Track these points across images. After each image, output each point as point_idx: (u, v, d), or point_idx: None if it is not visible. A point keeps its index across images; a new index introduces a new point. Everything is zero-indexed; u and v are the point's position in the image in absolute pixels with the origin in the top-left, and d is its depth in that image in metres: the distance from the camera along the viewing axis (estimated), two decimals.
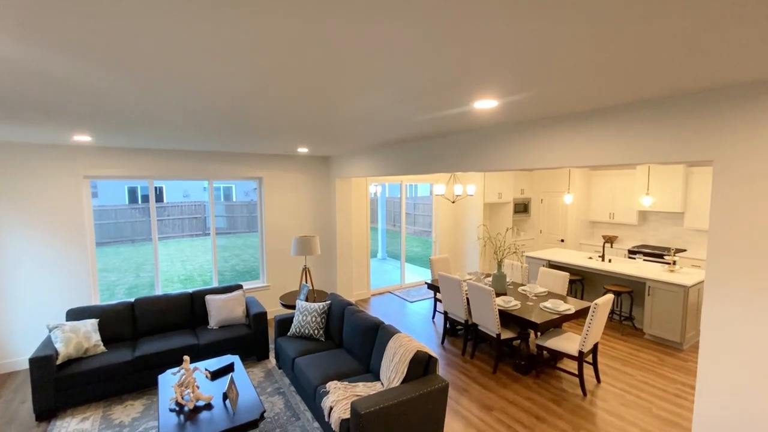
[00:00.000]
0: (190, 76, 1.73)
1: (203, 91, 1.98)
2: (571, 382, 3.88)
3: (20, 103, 2.21)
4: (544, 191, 8.06)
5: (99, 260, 12.23)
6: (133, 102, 2.23)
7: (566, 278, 4.73)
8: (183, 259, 12.26)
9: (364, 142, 4.21)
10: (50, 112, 2.48)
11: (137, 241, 15.23)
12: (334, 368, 3.29)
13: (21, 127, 3.05)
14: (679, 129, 2.06)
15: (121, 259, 12.37)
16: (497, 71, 1.67)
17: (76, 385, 3.40)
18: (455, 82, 1.83)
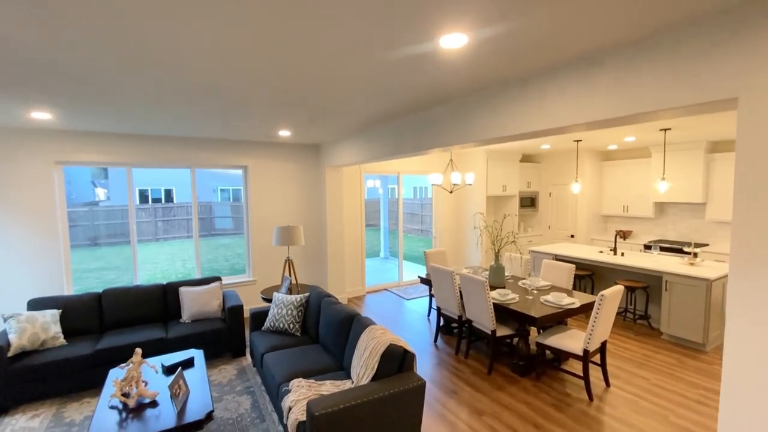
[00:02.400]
0: (148, 36, 1.44)
1: (162, 52, 1.69)
2: (575, 385, 3.44)
3: None
4: (553, 184, 7.59)
5: (101, 259, 12.23)
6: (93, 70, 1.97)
7: (572, 271, 4.29)
8: (185, 258, 12.15)
9: (345, 121, 3.88)
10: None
11: (143, 241, 15.25)
12: (303, 365, 2.95)
13: None
14: (691, 64, 1.66)
15: (123, 258, 12.34)
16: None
17: (30, 380, 3.15)
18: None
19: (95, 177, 23.42)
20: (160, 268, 10.68)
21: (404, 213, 17.76)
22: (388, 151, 3.99)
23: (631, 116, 1.93)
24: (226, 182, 22.96)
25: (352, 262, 6.26)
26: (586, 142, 5.85)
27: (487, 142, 2.93)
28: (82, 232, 14.41)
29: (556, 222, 7.58)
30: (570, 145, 6.14)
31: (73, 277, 4.53)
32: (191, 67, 2.17)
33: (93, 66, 2.13)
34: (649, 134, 5.02)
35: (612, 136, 5.15)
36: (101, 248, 13.98)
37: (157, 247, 14.23)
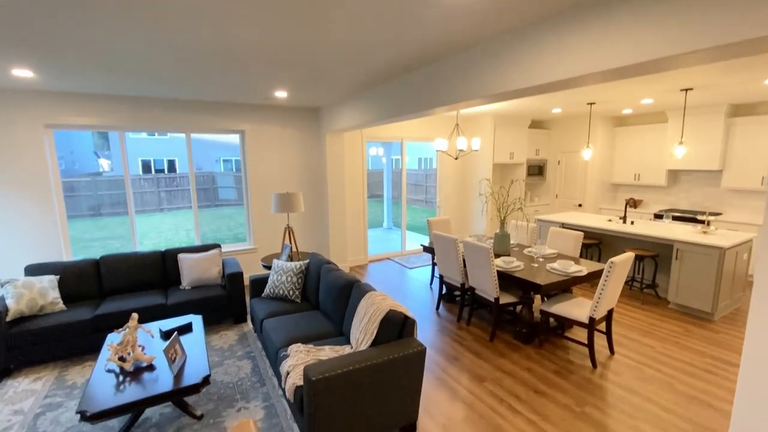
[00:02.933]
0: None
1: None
2: (579, 352, 3.39)
3: None
4: (563, 151, 7.32)
5: (105, 228, 12.28)
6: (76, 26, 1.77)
7: (579, 238, 4.15)
8: (188, 228, 12.17)
9: (344, 78, 3.65)
10: None
11: (147, 211, 15.27)
12: (302, 331, 2.90)
13: None
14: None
15: (126, 227, 12.38)
16: None
17: (31, 344, 3.15)
18: None
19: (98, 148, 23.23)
20: (164, 238, 10.72)
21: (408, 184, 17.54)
22: (390, 113, 3.77)
23: (660, 60, 1.72)
24: (228, 152, 22.69)
25: (354, 231, 6.17)
26: (599, 106, 5.55)
27: (495, 98, 2.71)
28: (85, 202, 14.43)
29: (564, 191, 7.38)
30: (582, 109, 5.84)
31: (78, 246, 4.50)
32: (182, 23, 1.97)
33: (74, 21, 1.93)
34: (668, 96, 4.72)
35: (628, 97, 4.86)
36: (105, 218, 14.03)
37: (161, 217, 14.26)
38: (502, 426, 2.47)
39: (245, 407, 2.67)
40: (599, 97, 4.85)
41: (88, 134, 22.77)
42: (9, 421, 2.56)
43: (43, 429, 2.48)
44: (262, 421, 2.52)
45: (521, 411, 2.61)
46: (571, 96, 4.71)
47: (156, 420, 2.55)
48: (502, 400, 2.74)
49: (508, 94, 2.57)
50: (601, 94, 4.59)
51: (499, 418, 2.55)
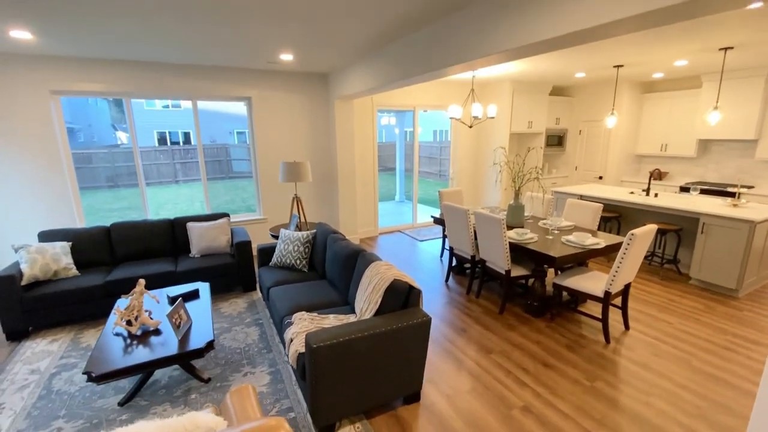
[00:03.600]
0: None
1: None
2: (592, 327, 3.29)
3: None
4: (585, 120, 6.94)
5: (124, 199, 12.54)
6: None
7: (598, 210, 3.96)
8: (203, 199, 12.31)
9: (351, 34, 3.44)
10: None
11: (164, 183, 15.50)
12: (308, 299, 2.88)
13: None
14: None
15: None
16: None
17: (46, 308, 3.23)
18: None
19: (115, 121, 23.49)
20: (180, 209, 10.88)
21: (422, 157, 17.20)
22: (400, 75, 3.56)
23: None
24: (242, 125, 22.58)
25: (364, 203, 6.08)
26: (628, 69, 5.16)
27: (512, 54, 2.49)
28: (104, 173, 14.71)
29: (585, 162, 7.05)
30: (608, 73, 5.45)
31: (98, 216, 4.55)
32: None
33: None
34: (705, 56, 4.33)
35: (661, 58, 4.48)
36: (123, 189, 14.32)
37: (176, 189, 14.47)
38: (508, 398, 2.43)
39: (251, 372, 2.69)
40: (629, 59, 4.49)
41: (105, 107, 23.00)
42: (26, 380, 2.66)
43: (57, 388, 2.56)
44: (267, 386, 2.54)
45: (528, 383, 2.56)
46: (597, 57, 4.37)
47: (165, 382, 2.60)
48: (509, 372, 2.69)
49: (528, 48, 2.35)
50: (630, 54, 4.23)
51: (505, 390, 2.50)
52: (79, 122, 21.24)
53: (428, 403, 2.40)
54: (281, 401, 2.40)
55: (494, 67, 4.84)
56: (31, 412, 2.34)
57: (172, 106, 21.23)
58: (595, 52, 4.13)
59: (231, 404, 1.63)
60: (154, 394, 2.48)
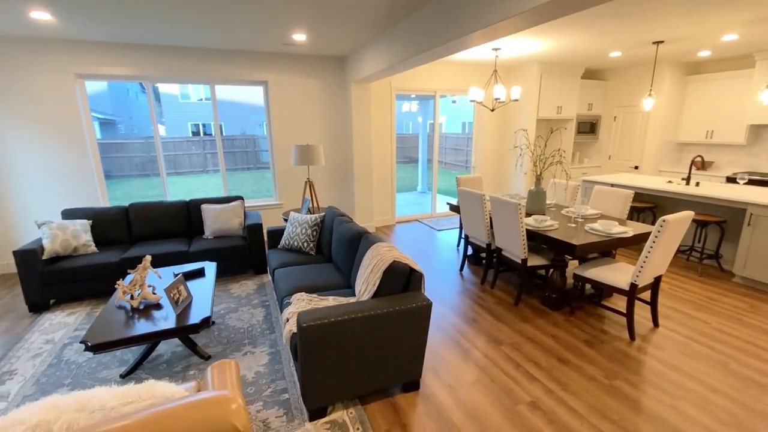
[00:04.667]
0: None
1: None
2: (616, 323, 3.03)
3: None
4: (620, 105, 6.47)
5: (158, 187, 13.07)
6: None
7: (628, 198, 3.64)
8: (230, 188, 12.64)
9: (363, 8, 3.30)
10: None
11: (195, 172, 16.05)
12: (310, 281, 2.81)
13: None
14: None
15: (175, 187, 13.10)
16: None
17: (65, 281, 3.35)
18: None
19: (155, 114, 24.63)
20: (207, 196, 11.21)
21: (449, 148, 16.85)
22: (415, 49, 3.36)
23: None
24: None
25: (381, 190, 5.96)
26: (669, 47, 4.71)
27: (537, 15, 2.26)
28: (139, 162, 15.41)
29: (619, 151, 6.59)
30: (646, 51, 5.00)
31: (129, 201, 4.67)
32: None
33: None
34: (758, 28, 3.86)
35: (707, 32, 4.04)
36: (155, 178, 14.95)
37: (206, 178, 14.94)
38: (515, 392, 2.26)
39: (251, 352, 2.67)
40: (670, 33, 4.08)
41: (145, 101, 24.12)
42: (40, 348, 2.76)
43: (67, 358, 2.64)
44: (264, 366, 2.50)
45: (539, 378, 2.37)
46: (635, 31, 3.99)
47: (167, 357, 2.62)
48: (519, 365, 2.51)
49: (550, 7, 2.12)
50: (672, 26, 3.84)
51: (513, 384, 2.33)
52: (120, 115, 22.39)
53: (428, 392, 2.28)
54: (276, 382, 2.35)
55: (520, 46, 4.55)
56: (40, 379, 2.41)
57: (206, 99, 21.94)
58: (631, 28, 3.77)
59: (210, 378, 1.57)
60: (156, 368, 2.50)
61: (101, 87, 20.36)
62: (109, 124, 21.33)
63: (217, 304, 3.39)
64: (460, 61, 5.57)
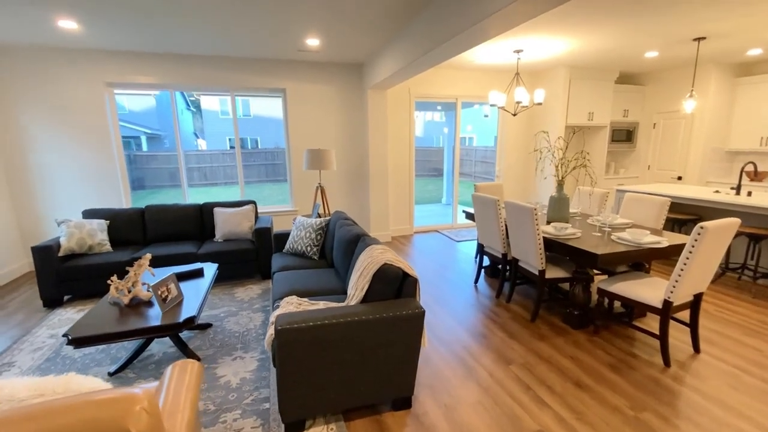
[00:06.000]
0: None
1: None
2: (648, 346, 2.66)
3: None
4: (659, 112, 5.99)
5: (191, 198, 13.64)
6: None
7: (664, 206, 3.26)
8: (259, 198, 12.96)
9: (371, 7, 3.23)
10: None
11: (229, 183, 16.67)
12: (305, 285, 2.68)
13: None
14: None
15: (208, 196, 13.62)
16: None
17: (78, 278, 3.43)
18: None
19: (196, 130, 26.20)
20: None
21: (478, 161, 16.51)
22: (429, 45, 3.20)
23: None
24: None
25: (399, 199, 5.81)
26: (713, 44, 4.30)
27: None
28: (175, 172, 16.22)
29: (660, 161, 6.07)
30: (687, 50, 4.59)
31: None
32: None
33: None
34: None
35: (756, 27, 3.63)
36: (193, 189, 15.65)
37: (237, 189, 15.45)
38: (521, 418, 1.98)
39: (241, 357, 2.55)
40: (711, 28, 3.70)
41: (189, 118, 25.78)
42: (43, 342, 2.79)
43: (65, 353, 2.65)
44: (251, 373, 2.38)
45: (550, 404, 2.08)
46: (672, 27, 3.66)
47: (158, 357, 2.56)
48: (529, 388, 2.22)
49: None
50: (713, 21, 3.48)
51: (519, 408, 2.05)
52: (166, 130, 23.91)
53: (420, 411, 2.05)
54: (260, 390, 2.21)
55: (543, 47, 4.31)
56: (35, 373, 2.42)
57: (243, 115, 23.04)
58: (669, 24, 3.46)
59: (168, 377, 1.47)
60: (145, 367, 2.45)
61: (150, 104, 21.86)
62: (156, 138, 22.78)
63: (218, 308, 3.33)
64: (482, 66, 5.38)
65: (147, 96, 20.83)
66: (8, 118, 4.15)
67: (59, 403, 0.79)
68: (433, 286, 3.83)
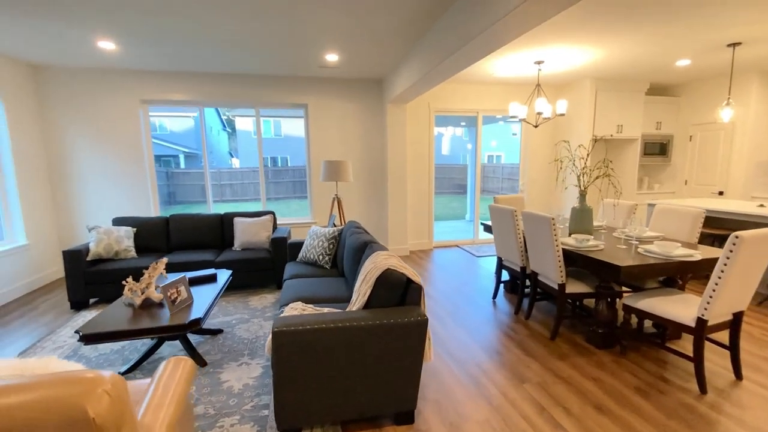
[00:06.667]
0: None
1: None
2: (683, 370, 2.41)
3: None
4: (695, 123, 5.67)
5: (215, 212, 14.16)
6: None
7: (698, 218, 3.02)
8: (285, 213, 13.25)
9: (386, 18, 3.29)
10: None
11: (257, 199, 17.20)
12: (312, 292, 2.66)
13: (41, 23, 3.15)
14: None
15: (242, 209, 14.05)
16: None
17: (104, 282, 3.58)
18: None
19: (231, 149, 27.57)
20: None
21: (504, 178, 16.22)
22: (445, 53, 3.17)
23: None
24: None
25: (418, 213, 5.74)
26: (749, 49, 4.04)
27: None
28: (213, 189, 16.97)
29: (698, 175, 5.70)
30: (722, 56, 4.34)
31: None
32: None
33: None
34: None
35: None
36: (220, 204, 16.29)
37: (267, 205, 15.90)
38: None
39: (247, 363, 2.54)
40: (747, 32, 3.49)
41: (225, 138, 27.20)
42: (64, 342, 2.90)
43: (82, 352, 2.73)
44: (255, 379, 2.35)
45: (566, 427, 1.90)
46: (703, 33, 3.49)
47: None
48: (543, 409, 2.05)
49: None
50: (748, 25, 3.28)
51: (531, 430, 1.89)
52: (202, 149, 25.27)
53: (423, 427, 1.93)
54: (261, 396, 2.17)
55: (566, 57, 4.22)
56: None
57: (275, 135, 24.03)
58: (701, 29, 3.29)
59: (161, 372, 1.48)
60: (154, 369, 2.47)
61: (188, 125, 23.20)
62: (193, 156, 24.05)
63: (231, 315, 3.36)
64: (502, 80, 5.33)
65: (186, 117, 22.13)
66: (54, 133, 4.49)
67: (18, 381, 0.79)
68: (449, 301, 3.70)
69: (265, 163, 23.18)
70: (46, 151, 4.50)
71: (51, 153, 4.52)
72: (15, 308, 3.63)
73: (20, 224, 4.07)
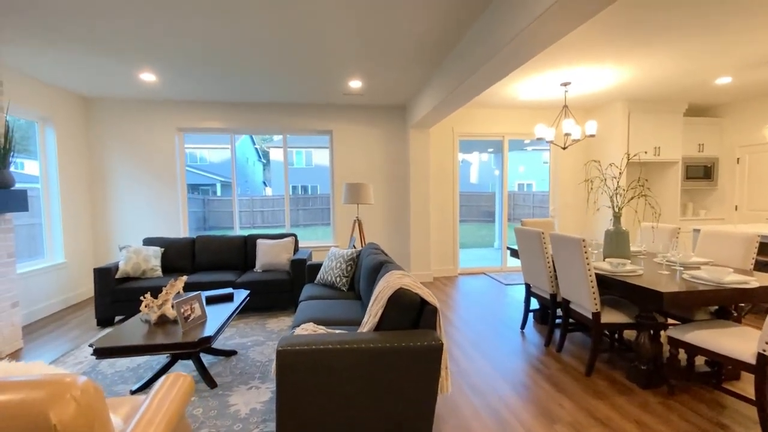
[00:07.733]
0: None
1: None
2: (744, 416, 2.08)
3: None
4: (743, 145, 5.29)
5: None
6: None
7: (752, 242, 2.72)
8: (312, 239, 13.40)
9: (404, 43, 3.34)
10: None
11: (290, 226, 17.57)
12: (326, 314, 2.58)
13: (96, 60, 3.45)
14: None
15: None
16: None
17: (129, 300, 3.66)
18: None
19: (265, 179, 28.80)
20: None
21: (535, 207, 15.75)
22: (463, 75, 3.17)
23: None
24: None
25: (442, 239, 5.59)
26: None
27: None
28: (244, 216, 17.56)
29: (750, 200, 5.25)
30: (766, 73, 4.08)
31: None
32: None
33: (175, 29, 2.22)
34: None
35: None
36: (252, 229, 16.75)
37: (296, 232, 16.20)
38: None
39: (257, 387, 2.45)
40: None
41: (260, 169, 28.52)
42: (85, 357, 2.94)
43: (100, 369, 2.74)
44: (263, 404, 2.24)
45: None
46: (741, 47, 3.29)
47: None
48: None
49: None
50: None
51: None
52: (239, 178, 26.52)
53: None
54: (267, 422, 2.06)
55: (594, 78, 4.10)
56: None
57: (306, 165, 24.93)
58: (741, 42, 3.11)
59: (159, 386, 1.43)
60: None
61: (226, 156, 24.50)
62: (228, 185, 25.21)
63: (247, 336, 3.31)
64: (527, 103, 5.25)
65: (224, 149, 23.41)
66: (97, 158, 4.82)
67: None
68: (472, 330, 3.48)
69: (296, 192, 23.91)
70: (89, 175, 4.82)
71: (93, 177, 4.82)
72: (47, 323, 3.76)
73: (60, 243, 4.30)
